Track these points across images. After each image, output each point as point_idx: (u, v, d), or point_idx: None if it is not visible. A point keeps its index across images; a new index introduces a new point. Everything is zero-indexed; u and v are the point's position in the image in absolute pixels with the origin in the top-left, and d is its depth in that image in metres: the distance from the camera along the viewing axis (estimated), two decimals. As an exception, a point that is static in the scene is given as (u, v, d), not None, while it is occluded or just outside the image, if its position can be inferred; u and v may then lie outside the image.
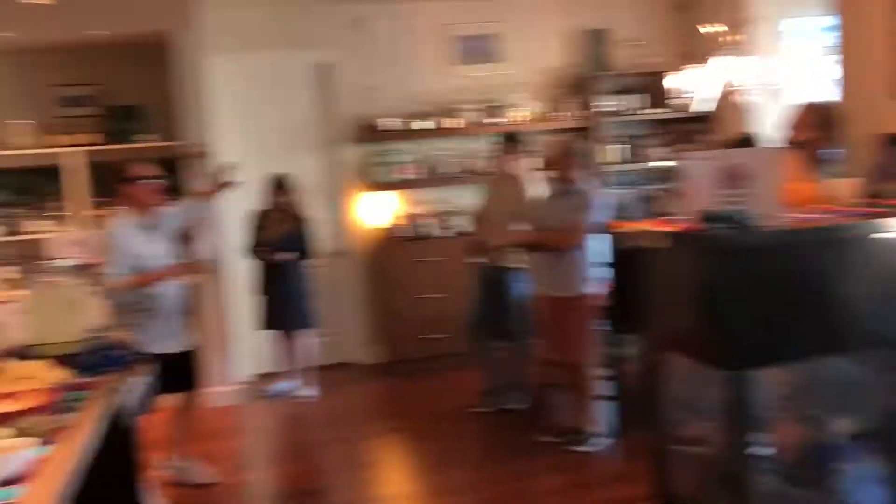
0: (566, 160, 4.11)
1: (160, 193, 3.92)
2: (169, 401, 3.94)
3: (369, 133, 6.13)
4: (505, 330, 5.01)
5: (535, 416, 4.80)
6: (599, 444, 4.22)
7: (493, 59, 6.47)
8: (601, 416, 4.29)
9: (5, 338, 3.01)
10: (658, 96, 6.55)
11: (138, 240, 3.79)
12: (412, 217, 6.21)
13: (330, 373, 5.94)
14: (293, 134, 6.20)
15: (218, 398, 5.47)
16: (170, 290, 3.88)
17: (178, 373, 3.85)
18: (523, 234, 4.34)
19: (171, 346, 3.81)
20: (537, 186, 4.81)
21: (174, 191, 5.66)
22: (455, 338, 6.04)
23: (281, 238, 5.34)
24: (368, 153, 6.27)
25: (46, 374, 2.54)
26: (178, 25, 5.15)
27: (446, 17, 6.34)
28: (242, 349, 6.04)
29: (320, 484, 4.08)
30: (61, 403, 2.35)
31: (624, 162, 6.57)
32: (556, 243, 4.06)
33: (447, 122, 6.21)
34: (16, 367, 2.51)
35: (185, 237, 4.21)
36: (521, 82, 6.42)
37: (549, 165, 4.27)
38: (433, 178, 6.29)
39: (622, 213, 6.29)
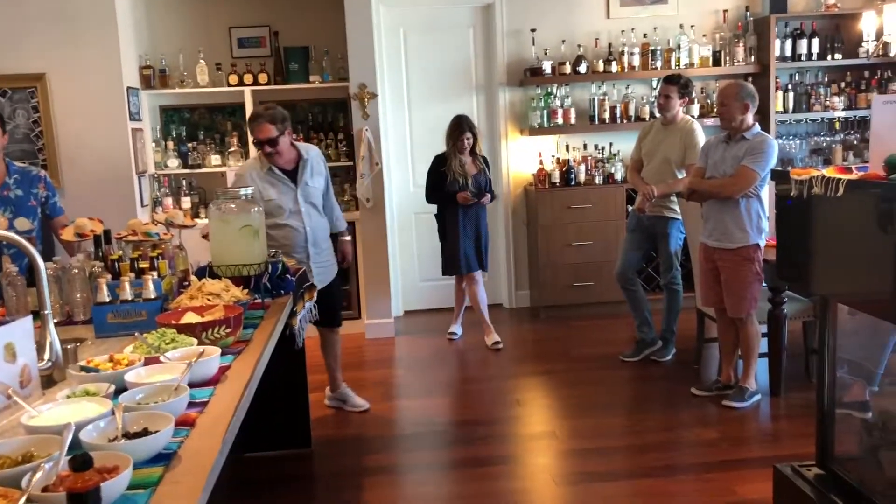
0: (737, 106, 3.90)
1: (278, 154, 3.77)
2: (318, 331, 4.14)
3: (527, 76, 6.08)
4: (659, 280, 4.93)
5: (687, 368, 4.72)
6: (755, 400, 4.10)
7: (657, 1, 6.21)
8: (758, 373, 4.16)
9: (191, 259, 3.29)
10: (839, 41, 6.09)
11: (263, 185, 3.76)
12: (565, 162, 6.14)
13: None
14: (453, 77, 6.26)
15: (375, 330, 5.75)
16: (316, 224, 3.94)
17: (326, 306, 3.86)
18: (688, 182, 4.20)
19: (322, 280, 3.93)
20: (702, 133, 4.64)
21: (334, 130, 5.94)
22: (605, 286, 6.03)
23: (471, 181, 5.26)
24: (525, 97, 6.24)
25: (229, 293, 2.75)
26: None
27: (612, -44, 6.14)
28: (397, 285, 6.31)
29: (468, 417, 4.20)
30: (242, 320, 2.55)
31: (798, 111, 6.18)
32: (724, 191, 3.90)
33: (606, 66, 6.06)
34: (206, 283, 2.73)
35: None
36: (686, 24, 6.13)
37: (718, 112, 4.08)
38: (589, 123, 6.18)
39: (792, 163, 5.99)
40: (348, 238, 4.31)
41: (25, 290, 2.74)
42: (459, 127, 5.27)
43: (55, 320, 2.26)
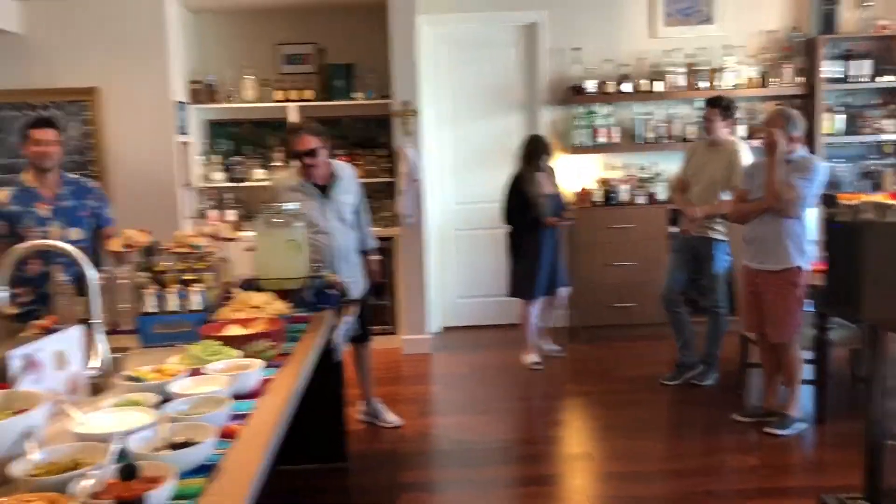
0: (783, 127, 3.85)
1: (315, 166, 3.80)
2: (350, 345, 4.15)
3: (570, 95, 6.08)
4: (702, 302, 4.86)
5: (729, 393, 4.64)
6: (799, 428, 4.01)
7: (703, 20, 6.18)
8: (802, 400, 4.07)
9: (235, 272, 3.34)
10: (890, 62, 5.98)
11: (293, 199, 3.71)
12: (607, 182, 6.11)
13: (517, 333, 6.02)
14: (495, 94, 6.28)
15: (412, 346, 5.76)
16: (345, 240, 3.95)
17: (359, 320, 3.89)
18: (734, 204, 4.14)
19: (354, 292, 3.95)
20: (748, 154, 4.58)
21: (376, 146, 5.99)
22: (645, 308, 5.96)
23: (547, 201, 5.16)
24: (568, 115, 6.23)
25: (272, 306, 2.79)
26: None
27: (658, -25, 6.12)
28: (436, 301, 6.32)
29: (505, 436, 4.17)
30: (284, 333, 2.58)
31: (845, 133, 6.07)
32: (773, 210, 3.83)
33: (650, 86, 6.03)
34: (250, 296, 2.78)
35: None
36: (733, 45, 6.08)
37: (764, 133, 4.02)
38: (632, 142, 6.15)
39: (840, 186, 5.88)
40: (377, 256, 4.32)
41: (75, 298, 2.80)
42: (538, 148, 5.25)
43: (102, 329, 2.30)
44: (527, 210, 5.17)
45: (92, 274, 2.23)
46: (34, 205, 3.59)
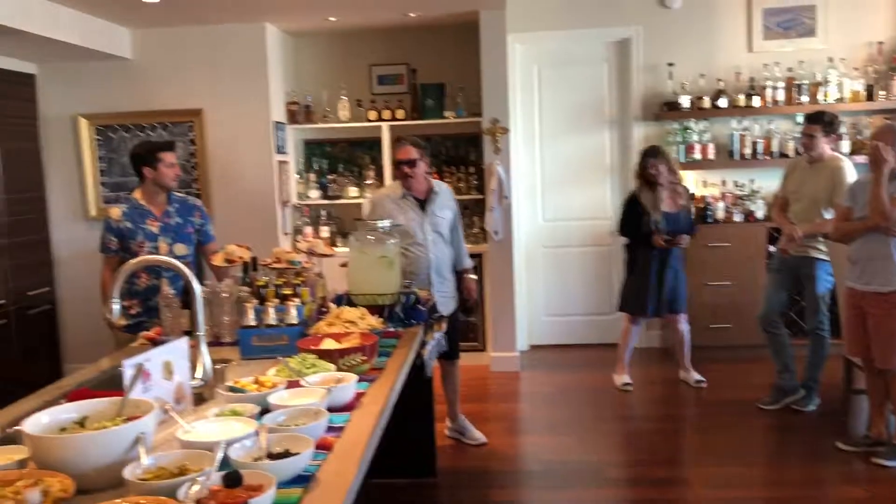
0: (892, 143, 3.68)
1: (414, 177, 3.95)
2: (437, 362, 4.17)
3: (664, 111, 5.98)
4: (804, 325, 4.68)
5: (831, 419, 4.44)
6: (909, 459, 3.80)
7: (804, 33, 5.98)
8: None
9: (330, 287, 3.42)
10: None
11: (394, 209, 3.93)
12: (702, 199, 5.97)
13: (605, 353, 5.94)
14: (586, 111, 6.24)
15: (500, 363, 5.76)
16: (440, 254, 4.04)
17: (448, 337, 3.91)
18: (837, 222, 3.98)
19: (442, 311, 3.95)
20: (852, 171, 4.40)
21: (466, 164, 6.04)
22: (742, 329, 5.79)
23: (662, 218, 4.98)
24: (661, 132, 6.13)
25: (365, 321, 2.85)
26: (489, 5, 5.38)
27: (754, -12, 5.97)
28: (522, 319, 6.30)
29: (594, 457, 4.11)
30: (377, 347, 2.63)
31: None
32: (879, 229, 3.66)
33: (747, 101, 5.87)
34: (344, 311, 2.85)
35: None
36: (836, 57, 5.86)
37: (870, 148, 3.85)
38: (728, 158, 5.99)
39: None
40: (473, 276, 4.38)
41: (180, 311, 2.94)
42: (644, 158, 5.08)
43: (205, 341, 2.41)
44: (640, 224, 5.04)
45: (197, 288, 2.34)
46: (145, 222, 3.78)
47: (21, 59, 5.40)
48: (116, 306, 2.41)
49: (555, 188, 6.31)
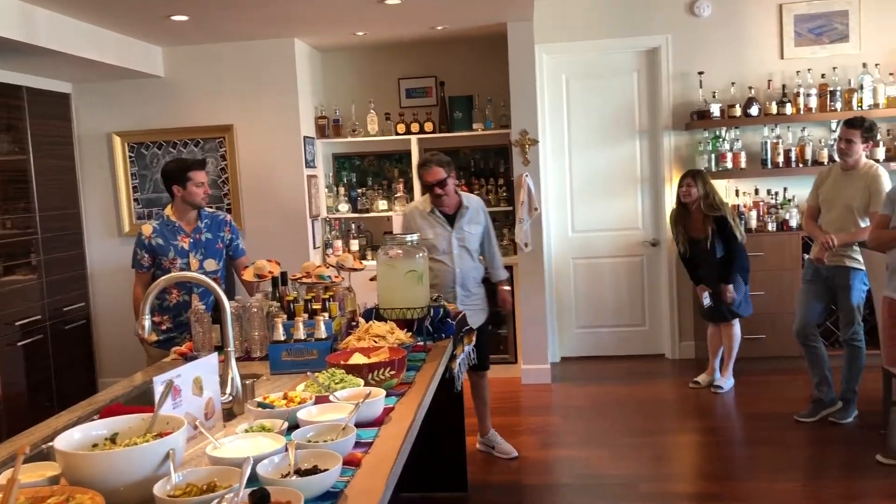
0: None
1: (441, 195, 3.98)
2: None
3: (694, 119, 5.92)
4: (840, 335, 4.58)
5: (870, 432, 4.33)
6: (953, 474, 3.70)
7: (837, 39, 5.89)
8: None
9: (359, 301, 3.43)
10: None
11: (423, 224, 4.01)
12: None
13: (637, 364, 5.88)
14: (615, 121, 6.20)
15: (531, 376, 5.72)
16: (465, 268, 4.06)
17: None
18: (874, 231, 3.90)
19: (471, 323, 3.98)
20: (888, 179, 4.32)
21: (495, 176, 6.03)
22: (777, 340, 5.70)
23: (687, 244, 5.27)
24: (692, 140, 6.07)
25: (394, 335, 2.84)
26: (516, 17, 5.38)
27: (786, -6, 5.91)
28: (555, 331, 6.26)
29: (628, 471, 4.05)
30: (405, 362, 2.62)
31: None
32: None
33: (780, 108, 5.79)
34: (373, 325, 2.84)
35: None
36: (870, 63, 5.76)
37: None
38: (760, 167, 5.91)
39: None
40: (508, 287, 4.39)
41: (211, 326, 2.96)
42: (682, 178, 5.29)
43: (235, 356, 2.42)
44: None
45: (226, 303, 2.35)
46: (176, 238, 3.82)
47: (56, 78, 5.52)
48: (147, 322, 2.43)
49: (585, 199, 6.27)
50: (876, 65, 5.77)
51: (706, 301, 5.26)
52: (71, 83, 5.73)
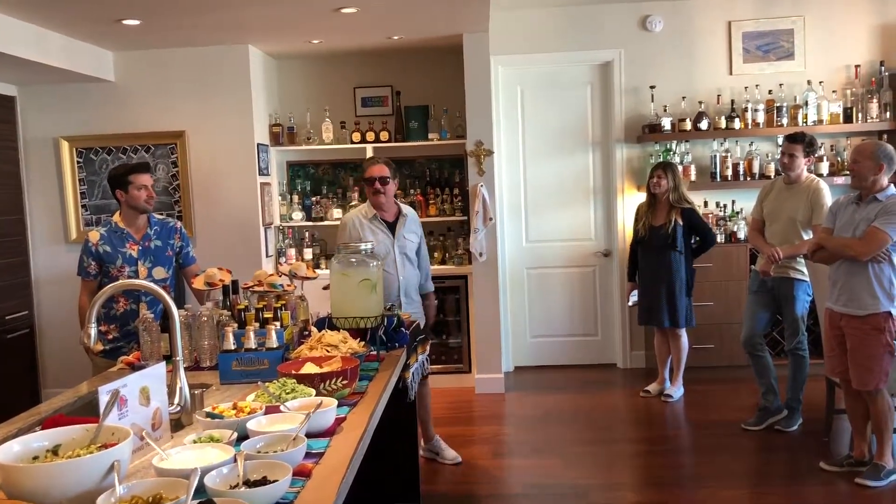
0: (870, 166, 3.72)
1: (380, 192, 4.03)
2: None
3: (645, 133, 6.03)
4: (785, 345, 4.69)
5: (814, 439, 4.44)
6: (893, 480, 3.80)
7: (783, 56, 6.06)
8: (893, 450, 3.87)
9: (312, 310, 3.40)
10: None
11: (364, 230, 4.04)
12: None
13: (590, 374, 5.94)
14: (569, 133, 6.28)
15: (485, 385, 5.73)
16: (408, 276, 4.12)
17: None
18: (816, 243, 4.01)
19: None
20: (829, 193, 4.45)
21: (450, 185, 6.05)
22: (724, 349, 5.81)
23: (649, 232, 5.29)
24: (643, 153, 6.18)
25: (347, 344, 2.82)
26: (472, 28, 5.41)
27: (735, 12, 6.05)
28: (508, 340, 6.29)
29: (580, 480, 4.08)
30: (358, 371, 2.60)
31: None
32: (852, 250, 3.70)
33: (729, 123, 5.93)
34: (325, 335, 2.82)
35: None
36: (815, 80, 5.94)
37: (849, 168, 3.90)
38: (709, 180, 6.04)
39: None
40: (434, 302, 4.50)
41: (159, 335, 2.91)
42: (653, 168, 5.39)
43: (184, 365, 2.38)
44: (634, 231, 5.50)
45: (175, 312, 2.31)
46: (125, 245, 3.75)
47: (1, 80, 5.37)
48: (93, 331, 2.38)
49: (539, 210, 6.32)
50: (820, 82, 5.95)
51: (632, 299, 5.44)
52: (16, 85, 5.58)
